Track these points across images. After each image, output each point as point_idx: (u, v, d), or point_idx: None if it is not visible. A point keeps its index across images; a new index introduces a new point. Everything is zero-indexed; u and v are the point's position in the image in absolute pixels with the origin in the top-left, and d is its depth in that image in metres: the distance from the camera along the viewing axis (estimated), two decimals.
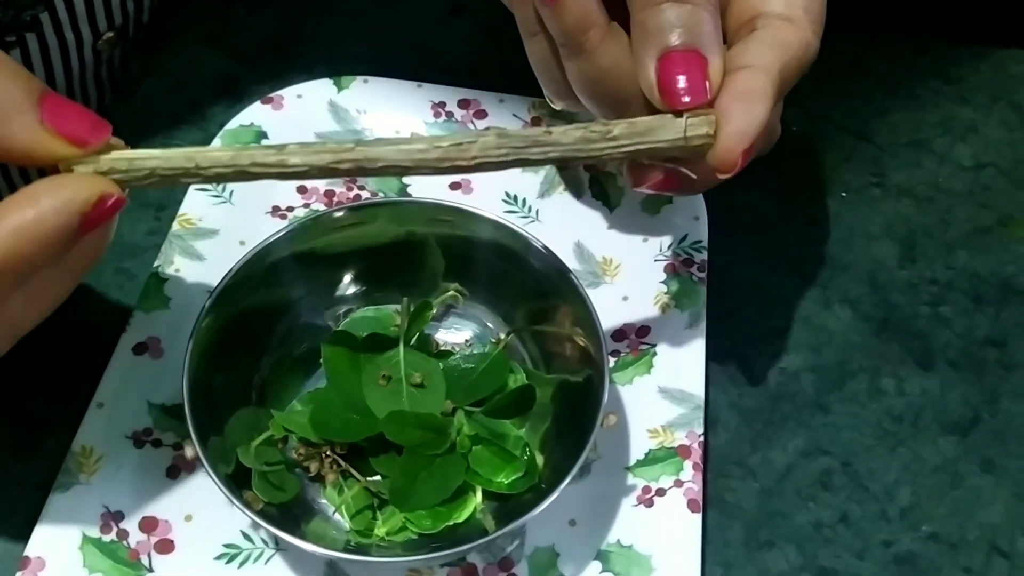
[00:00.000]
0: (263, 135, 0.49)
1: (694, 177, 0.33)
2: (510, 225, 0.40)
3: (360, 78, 0.51)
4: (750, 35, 0.34)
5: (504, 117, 0.51)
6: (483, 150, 0.31)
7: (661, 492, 0.39)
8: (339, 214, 0.41)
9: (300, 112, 0.50)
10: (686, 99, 0.31)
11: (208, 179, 0.31)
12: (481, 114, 0.51)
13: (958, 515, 0.41)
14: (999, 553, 0.40)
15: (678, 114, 0.32)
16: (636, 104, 0.33)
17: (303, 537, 0.36)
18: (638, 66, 0.32)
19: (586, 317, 0.38)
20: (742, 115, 0.31)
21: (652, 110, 0.33)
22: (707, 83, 0.31)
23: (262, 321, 0.41)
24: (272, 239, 0.39)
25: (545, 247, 0.40)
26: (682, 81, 0.31)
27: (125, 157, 0.30)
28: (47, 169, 0.30)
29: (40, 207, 0.28)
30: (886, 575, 0.40)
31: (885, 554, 0.40)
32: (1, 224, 0.28)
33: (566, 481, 0.35)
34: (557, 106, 0.39)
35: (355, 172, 0.31)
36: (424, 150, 0.31)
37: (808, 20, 0.34)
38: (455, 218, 0.41)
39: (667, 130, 0.32)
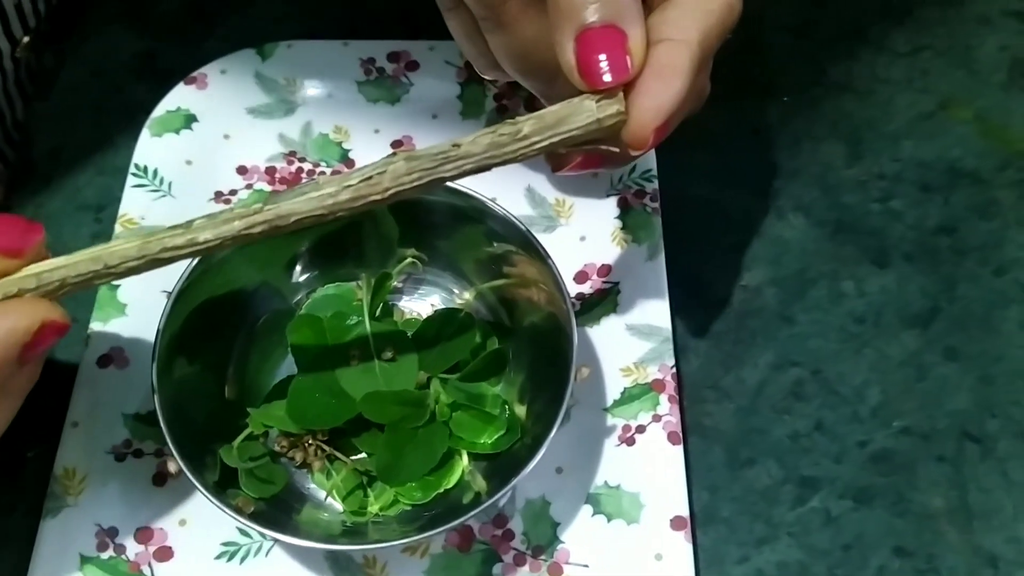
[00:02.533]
0: (192, 118, 0.48)
1: (616, 151, 0.33)
2: (457, 186, 0.40)
3: (284, 44, 0.50)
4: (670, 1, 0.32)
5: (436, 65, 0.50)
6: (395, 180, 0.30)
7: (641, 429, 0.40)
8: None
9: (227, 88, 0.49)
10: (607, 78, 0.30)
11: (120, 275, 0.31)
12: (412, 66, 0.50)
13: (927, 406, 0.43)
14: (969, 438, 0.42)
15: (593, 93, 0.31)
16: (565, 74, 0.31)
17: (297, 526, 0.37)
18: (556, 47, 0.31)
19: (545, 268, 0.38)
20: (657, 91, 0.30)
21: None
22: (628, 59, 0.30)
23: (224, 316, 0.40)
24: None
25: (496, 203, 0.40)
26: (602, 60, 0.30)
27: (32, 274, 0.30)
28: None
29: None
30: (864, 474, 0.41)
31: (861, 454, 0.41)
32: None
33: (551, 436, 0.35)
34: (488, 77, 0.38)
35: (271, 233, 0.31)
36: (335, 193, 0.30)
37: None
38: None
39: (578, 116, 0.31)
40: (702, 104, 0.36)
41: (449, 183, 0.40)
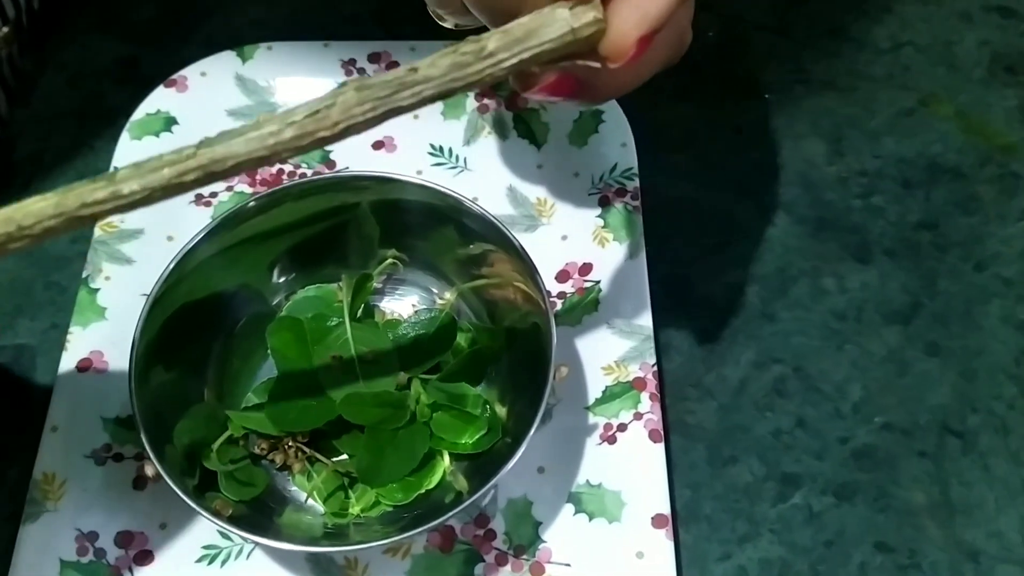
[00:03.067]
0: (172, 121, 0.48)
1: (596, 66, 0.28)
2: (434, 186, 0.40)
3: (264, 45, 0.50)
4: None
5: None
6: (344, 112, 0.26)
7: (622, 427, 0.40)
8: (253, 203, 0.40)
9: (206, 91, 0.49)
10: None
11: (37, 237, 0.27)
12: (393, 66, 0.49)
13: (908, 402, 0.43)
14: (951, 433, 0.42)
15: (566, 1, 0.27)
16: (529, 8, 0.28)
17: (279, 529, 0.37)
18: None
19: (524, 267, 0.38)
20: None
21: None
22: None
23: (203, 320, 0.40)
24: (194, 241, 0.38)
25: (475, 202, 0.40)
26: None
27: None
28: None
29: None
30: (846, 471, 0.41)
31: (843, 451, 0.42)
32: None
33: (530, 434, 0.35)
34: (447, 23, 0.35)
35: (206, 180, 0.27)
36: (277, 132, 0.26)
37: None
38: (380, 186, 0.41)
39: (549, 27, 0.27)
40: (681, 54, 0.33)
41: (428, 181, 0.40)
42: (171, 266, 0.38)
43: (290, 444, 0.39)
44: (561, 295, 0.44)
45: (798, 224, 0.47)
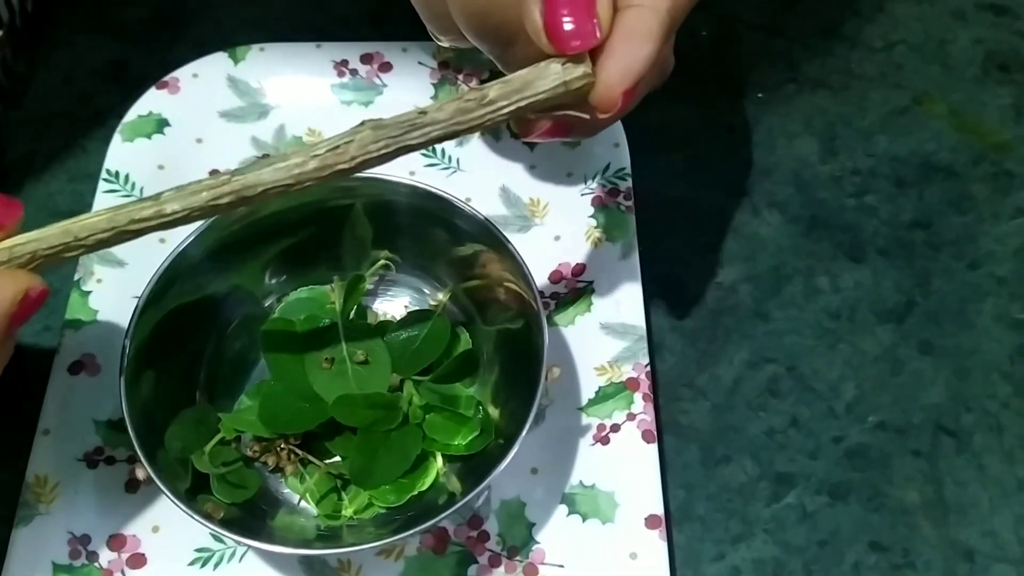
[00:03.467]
0: (164, 123, 0.48)
1: (586, 117, 0.32)
2: (426, 187, 0.40)
3: (256, 47, 0.49)
4: None
5: (410, 66, 0.49)
6: (361, 148, 0.30)
7: (615, 428, 0.40)
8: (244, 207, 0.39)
9: (199, 93, 0.48)
10: (576, 43, 0.30)
11: (90, 248, 0.31)
12: (386, 67, 0.49)
13: (902, 401, 0.43)
14: (945, 432, 0.42)
15: (559, 57, 0.30)
16: (523, 39, 0.31)
17: (272, 531, 0.37)
18: (523, 9, 0.30)
19: (516, 268, 0.38)
20: (625, 55, 0.30)
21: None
22: (596, 23, 0.30)
23: (195, 322, 0.40)
24: (185, 243, 0.38)
25: (467, 203, 0.40)
26: (569, 24, 0.29)
27: (3, 247, 0.30)
28: None
29: None
30: (839, 470, 0.41)
31: (836, 450, 0.41)
32: None
33: (522, 434, 0.35)
34: (444, 43, 0.37)
35: (238, 204, 0.31)
36: (302, 163, 0.30)
37: None
38: (372, 187, 0.40)
39: (544, 80, 0.30)
40: (665, 78, 0.35)
41: (420, 182, 0.40)
42: (162, 268, 0.38)
43: (282, 446, 0.39)
44: (554, 296, 0.44)
45: (791, 223, 0.47)
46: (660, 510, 0.38)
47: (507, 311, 0.40)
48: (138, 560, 0.38)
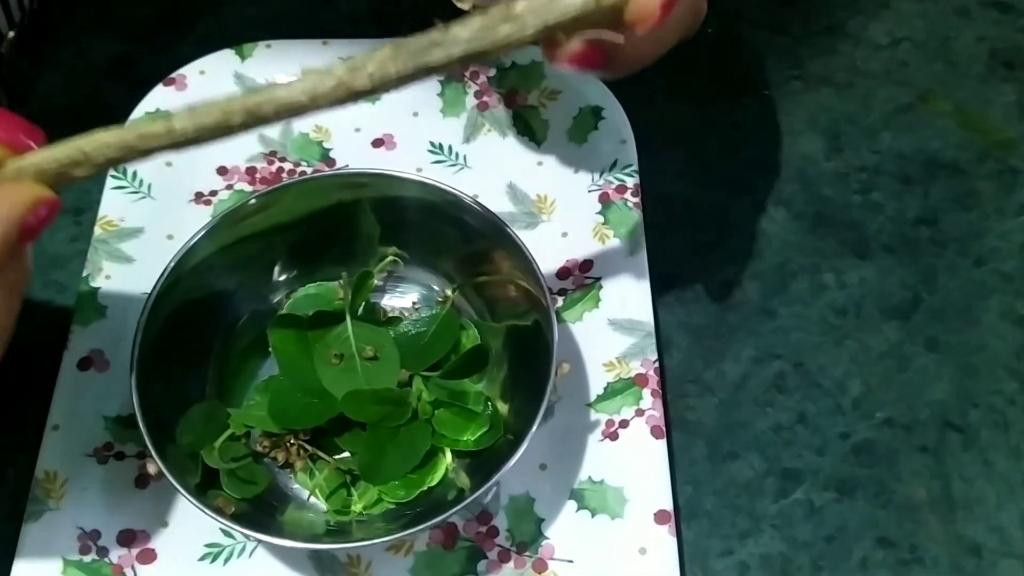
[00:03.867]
0: None
1: (620, 41, 0.30)
2: (435, 183, 0.40)
3: (263, 44, 0.50)
4: None
5: None
6: (380, 67, 0.29)
7: (624, 424, 0.40)
8: (253, 201, 0.40)
9: (205, 89, 0.48)
10: None
11: (100, 166, 0.30)
12: None
13: (908, 397, 0.43)
14: (951, 428, 0.42)
15: None
16: None
17: (281, 526, 0.37)
18: None
19: (525, 264, 0.38)
20: None
21: None
22: None
23: (203, 318, 0.40)
24: (195, 239, 0.38)
25: (475, 199, 0.40)
26: None
27: (14, 166, 0.30)
28: None
29: None
30: (846, 466, 0.41)
31: (843, 446, 0.42)
32: None
33: (532, 431, 0.35)
34: (465, 5, 0.36)
35: (251, 123, 0.29)
36: (317, 81, 0.29)
37: None
38: (380, 183, 0.41)
39: None
40: (698, 25, 0.34)
41: (428, 178, 0.40)
42: (171, 264, 0.38)
43: (292, 442, 0.39)
44: (562, 292, 0.44)
45: (797, 220, 0.47)
46: (669, 506, 0.38)
47: (516, 307, 0.40)
48: (148, 555, 0.38)
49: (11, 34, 0.48)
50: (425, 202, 0.40)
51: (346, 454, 0.39)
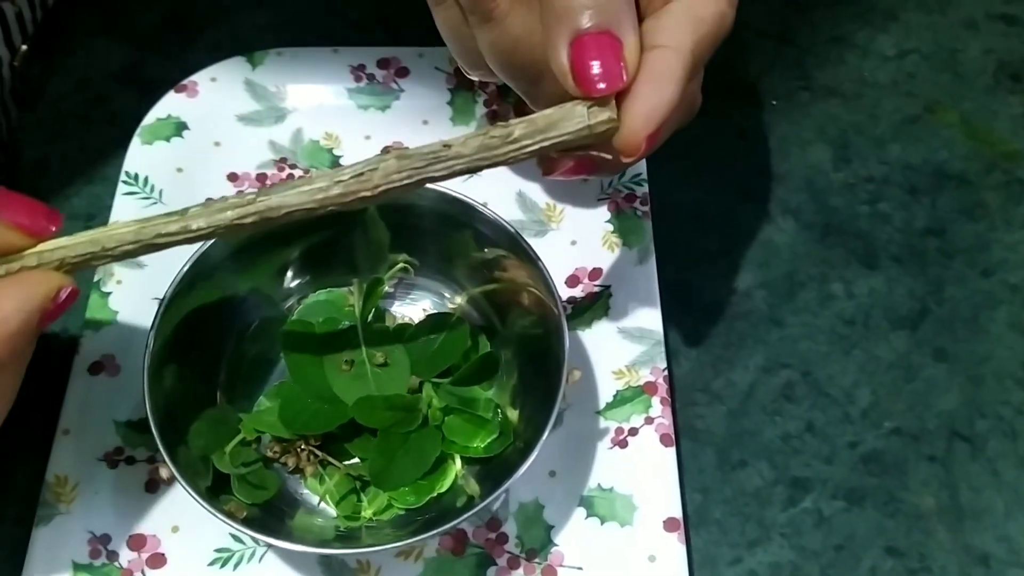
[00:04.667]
0: (183, 126, 0.48)
1: (608, 158, 0.32)
2: (448, 190, 0.40)
3: (274, 51, 0.50)
4: (664, 8, 0.32)
5: (426, 71, 0.50)
6: (385, 177, 0.31)
7: (633, 431, 0.40)
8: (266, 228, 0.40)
9: (217, 96, 0.49)
10: (602, 85, 0.30)
11: (116, 257, 0.32)
12: (403, 72, 0.50)
13: (917, 407, 0.43)
14: (959, 438, 0.42)
15: (584, 99, 0.30)
16: (551, 76, 0.31)
17: (291, 532, 0.37)
18: (549, 50, 0.30)
19: (537, 274, 0.39)
20: (649, 97, 0.30)
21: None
22: (623, 66, 0.30)
23: (215, 323, 0.40)
24: (207, 244, 0.38)
25: (488, 209, 0.40)
26: (596, 67, 0.29)
27: (33, 252, 0.31)
28: None
29: (3, 310, 0.29)
30: (855, 475, 0.41)
31: (852, 455, 0.42)
32: None
33: (543, 439, 0.35)
34: (473, 77, 0.38)
35: (262, 224, 0.31)
36: (326, 188, 0.31)
37: None
38: (413, 195, 0.40)
39: (568, 121, 0.30)
40: (693, 116, 0.36)
41: (440, 186, 0.40)
42: (185, 268, 0.38)
43: (302, 447, 0.39)
44: (571, 300, 0.44)
45: (805, 230, 0.48)
46: (679, 513, 0.38)
47: (527, 316, 0.40)
48: (158, 560, 0.38)
49: (24, 48, 0.49)
50: (438, 210, 0.40)
51: (355, 460, 0.39)
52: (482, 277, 0.42)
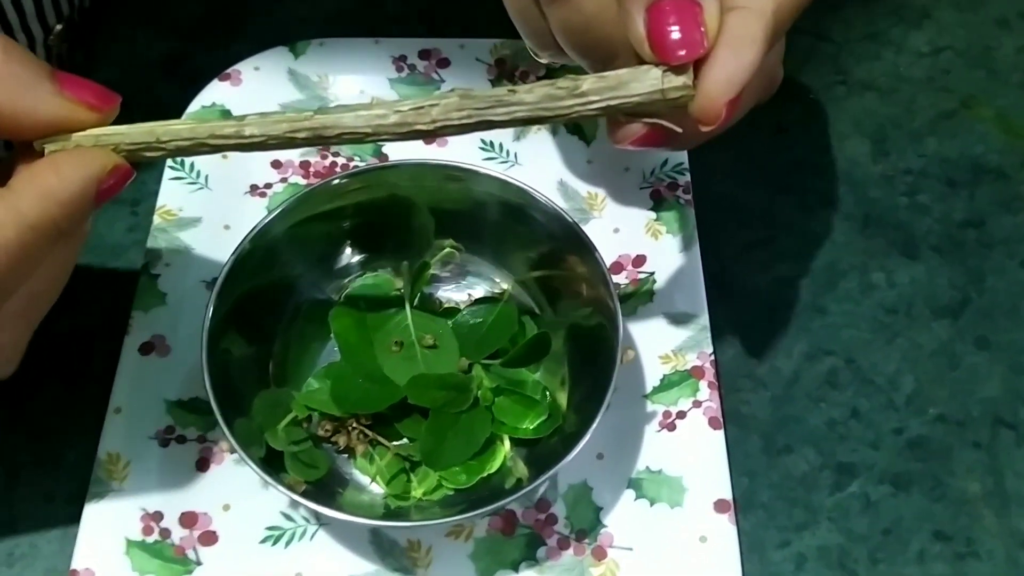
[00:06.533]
0: (227, 114, 0.48)
1: (679, 131, 0.31)
2: (505, 176, 0.40)
3: (316, 41, 0.50)
4: None
5: (467, 62, 0.50)
6: (444, 113, 0.30)
7: (682, 415, 0.40)
8: (338, 181, 0.40)
9: (260, 85, 0.49)
10: (681, 52, 0.28)
11: (169, 152, 0.32)
12: (443, 63, 0.50)
13: (960, 394, 0.43)
14: (1004, 424, 0.42)
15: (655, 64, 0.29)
16: (625, 54, 0.30)
17: (342, 508, 0.37)
18: (625, 17, 0.29)
19: (590, 259, 0.39)
20: (728, 62, 0.29)
21: (643, 62, 0.30)
22: (702, 31, 0.29)
23: (267, 303, 0.40)
24: (264, 222, 0.39)
25: (544, 196, 0.40)
26: (675, 32, 0.28)
27: (91, 135, 0.31)
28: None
29: (63, 174, 0.30)
30: (901, 460, 0.41)
31: (898, 441, 0.42)
32: (29, 188, 0.29)
33: (595, 423, 0.35)
34: (543, 59, 0.37)
35: (313, 141, 0.31)
36: (383, 115, 0.30)
37: None
38: (459, 176, 0.41)
39: (641, 82, 0.29)
40: (773, 91, 0.35)
41: (494, 172, 0.41)
42: (241, 246, 0.38)
43: (353, 426, 0.39)
44: (615, 286, 0.44)
45: (845, 220, 0.48)
46: (728, 495, 0.38)
47: (578, 301, 0.40)
48: (209, 537, 0.38)
49: (59, 27, 0.49)
50: (491, 194, 0.41)
51: (404, 440, 0.39)
52: (534, 263, 0.42)
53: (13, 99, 0.30)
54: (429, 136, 0.31)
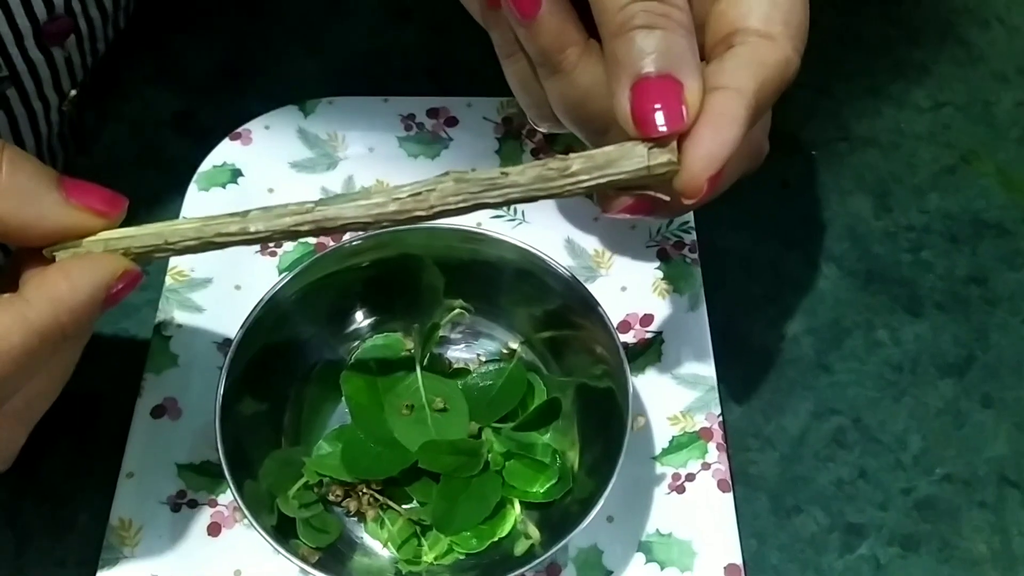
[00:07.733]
0: (238, 172, 0.49)
1: (667, 199, 0.32)
2: (513, 240, 0.41)
3: (325, 100, 0.51)
4: (727, 52, 0.32)
5: (475, 121, 0.51)
6: (441, 198, 0.31)
7: (691, 477, 0.41)
8: (351, 243, 0.41)
9: (270, 144, 0.50)
10: (662, 128, 0.30)
11: (178, 252, 0.33)
12: (452, 121, 0.51)
13: (967, 453, 0.43)
14: (1009, 483, 0.43)
15: (643, 140, 0.31)
16: (617, 127, 0.31)
17: (352, 574, 0.37)
18: (612, 96, 0.31)
19: (598, 321, 0.39)
20: (709, 139, 0.30)
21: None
22: (684, 109, 0.30)
23: (279, 365, 0.41)
24: (277, 287, 0.39)
25: (551, 258, 0.40)
26: (658, 110, 0.30)
27: (101, 239, 0.32)
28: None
29: (73, 281, 0.30)
30: (910, 521, 0.42)
31: (906, 501, 0.42)
32: (39, 293, 0.30)
33: (607, 491, 0.36)
34: (542, 128, 0.38)
35: (317, 233, 0.32)
36: (382, 203, 0.31)
37: (787, 36, 0.33)
38: (470, 238, 0.41)
39: (628, 160, 0.31)
40: (759, 163, 0.36)
41: (501, 235, 0.41)
42: (255, 311, 0.39)
43: (364, 491, 0.39)
44: (623, 346, 0.44)
45: (848, 277, 0.48)
46: (739, 559, 0.39)
47: (588, 364, 0.41)
48: None
49: (72, 92, 0.50)
50: (501, 257, 0.41)
51: (415, 504, 0.40)
52: (544, 323, 0.42)
53: (20, 210, 0.30)
54: (428, 219, 0.32)
